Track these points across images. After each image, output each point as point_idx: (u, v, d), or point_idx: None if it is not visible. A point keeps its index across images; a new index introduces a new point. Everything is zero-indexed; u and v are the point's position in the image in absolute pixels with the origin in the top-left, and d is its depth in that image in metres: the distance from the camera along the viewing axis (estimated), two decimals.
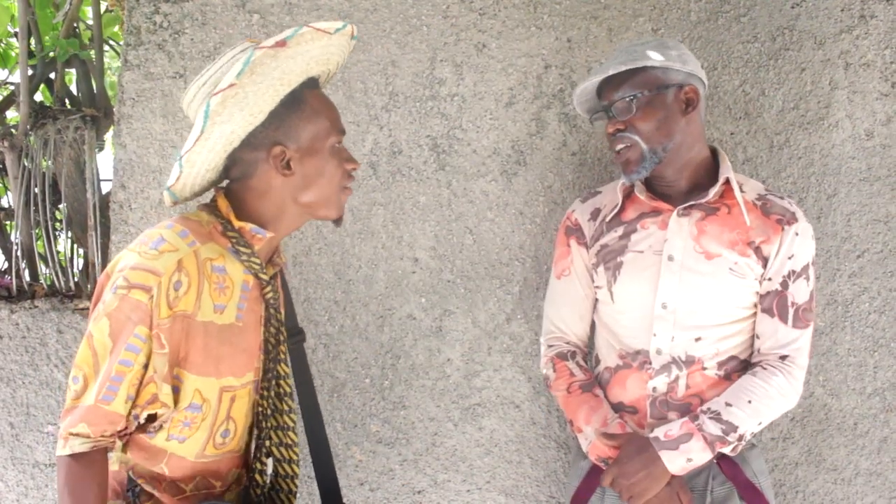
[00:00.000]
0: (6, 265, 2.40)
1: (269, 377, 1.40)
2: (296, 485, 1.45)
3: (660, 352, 1.58)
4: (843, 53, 1.96)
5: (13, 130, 2.32)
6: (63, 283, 2.21)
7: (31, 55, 2.42)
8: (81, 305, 2.08)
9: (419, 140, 2.00)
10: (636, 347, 1.61)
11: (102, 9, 2.57)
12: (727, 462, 1.57)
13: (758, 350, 1.59)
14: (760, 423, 1.53)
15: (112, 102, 2.48)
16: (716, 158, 1.65)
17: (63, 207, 2.34)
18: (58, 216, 2.41)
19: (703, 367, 1.57)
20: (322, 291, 2.00)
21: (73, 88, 2.60)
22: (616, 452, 1.55)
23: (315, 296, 2.01)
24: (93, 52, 2.48)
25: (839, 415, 1.98)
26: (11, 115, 2.78)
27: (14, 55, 2.89)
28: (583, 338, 1.74)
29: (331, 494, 1.57)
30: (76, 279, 2.27)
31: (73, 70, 2.55)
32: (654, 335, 1.58)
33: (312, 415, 1.60)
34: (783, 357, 1.55)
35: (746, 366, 1.60)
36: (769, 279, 1.57)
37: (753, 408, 1.51)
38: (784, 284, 1.56)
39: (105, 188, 2.36)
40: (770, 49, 1.97)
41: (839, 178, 1.97)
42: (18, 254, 2.24)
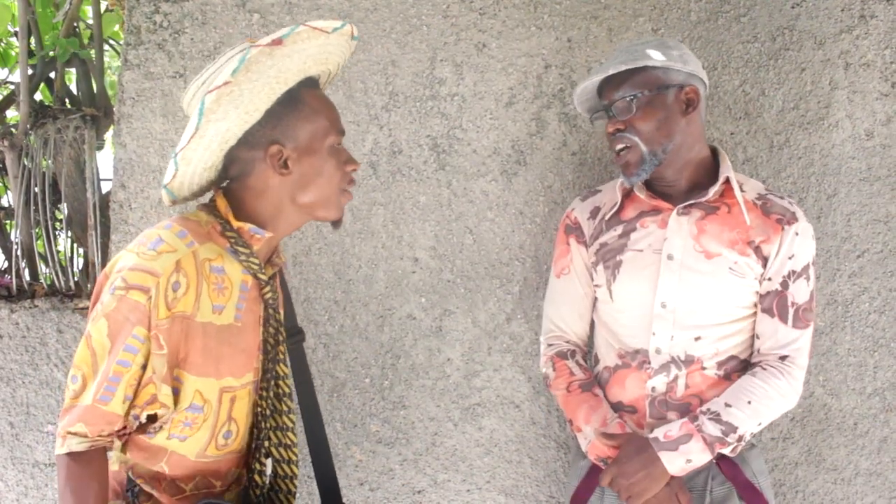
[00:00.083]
0: (6, 265, 2.40)
1: (268, 377, 1.39)
2: (295, 485, 1.45)
3: (659, 351, 1.57)
4: (843, 53, 1.96)
5: (13, 130, 2.32)
6: (63, 283, 2.21)
7: (32, 54, 2.42)
8: (81, 305, 2.08)
9: (419, 140, 1.99)
10: (635, 347, 1.60)
11: (102, 8, 2.57)
12: (726, 462, 1.57)
13: (758, 350, 1.59)
14: (760, 424, 1.53)
15: (112, 102, 2.48)
16: (716, 158, 1.64)
17: (63, 207, 2.34)
18: (58, 216, 2.41)
19: (703, 367, 1.57)
20: (322, 291, 2.00)
21: (73, 88, 2.60)
22: (615, 452, 1.55)
23: (315, 296, 2.01)
24: (93, 52, 2.48)
25: (839, 415, 1.98)
26: (11, 115, 2.78)
27: (14, 54, 2.89)
28: (582, 337, 1.74)
29: (330, 494, 1.57)
30: (76, 279, 2.27)
31: (73, 69, 2.55)
32: (654, 334, 1.57)
33: (312, 415, 1.59)
34: (783, 357, 1.55)
35: (746, 366, 1.60)
36: (769, 279, 1.56)
37: (753, 408, 1.51)
38: (784, 284, 1.56)
39: (105, 188, 2.36)
40: (770, 49, 1.97)
41: (839, 178, 1.96)
42: (18, 253, 2.24)
